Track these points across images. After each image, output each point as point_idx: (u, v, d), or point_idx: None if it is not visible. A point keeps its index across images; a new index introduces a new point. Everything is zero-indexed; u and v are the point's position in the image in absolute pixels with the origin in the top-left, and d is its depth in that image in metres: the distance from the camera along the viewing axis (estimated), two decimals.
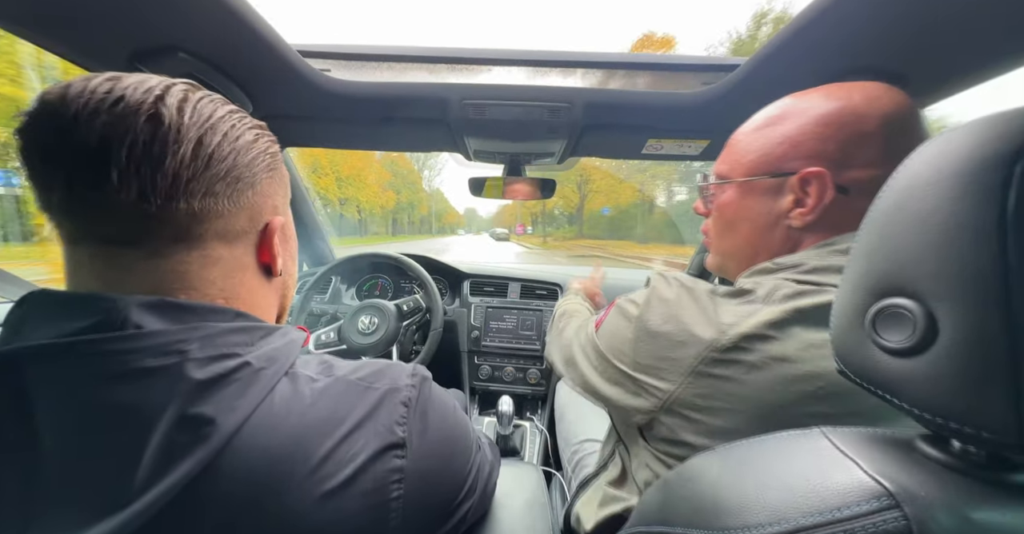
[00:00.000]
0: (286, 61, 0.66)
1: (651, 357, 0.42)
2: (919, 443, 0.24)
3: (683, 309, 0.42)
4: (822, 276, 0.38)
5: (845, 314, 0.26)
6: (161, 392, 0.26)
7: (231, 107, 0.34)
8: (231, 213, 0.33)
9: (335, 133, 0.93)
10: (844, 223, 0.41)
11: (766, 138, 0.45)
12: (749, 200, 0.47)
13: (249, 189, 0.34)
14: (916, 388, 0.22)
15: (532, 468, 0.80)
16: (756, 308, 0.39)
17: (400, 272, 1.52)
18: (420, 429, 0.35)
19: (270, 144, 0.37)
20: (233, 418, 0.27)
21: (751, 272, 0.45)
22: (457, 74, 0.77)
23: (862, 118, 0.40)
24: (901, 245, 0.23)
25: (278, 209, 0.39)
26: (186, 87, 0.32)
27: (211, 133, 0.31)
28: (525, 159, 1.05)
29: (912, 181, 0.24)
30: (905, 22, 0.52)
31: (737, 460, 0.28)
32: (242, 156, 0.33)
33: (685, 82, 0.77)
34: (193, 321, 0.30)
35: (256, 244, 0.36)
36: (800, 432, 0.27)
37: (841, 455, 0.24)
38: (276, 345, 0.33)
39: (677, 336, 0.41)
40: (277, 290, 0.41)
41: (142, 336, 0.27)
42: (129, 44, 0.57)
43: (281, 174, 0.39)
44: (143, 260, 0.30)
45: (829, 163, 0.41)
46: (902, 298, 0.22)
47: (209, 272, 0.33)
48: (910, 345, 0.22)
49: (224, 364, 0.29)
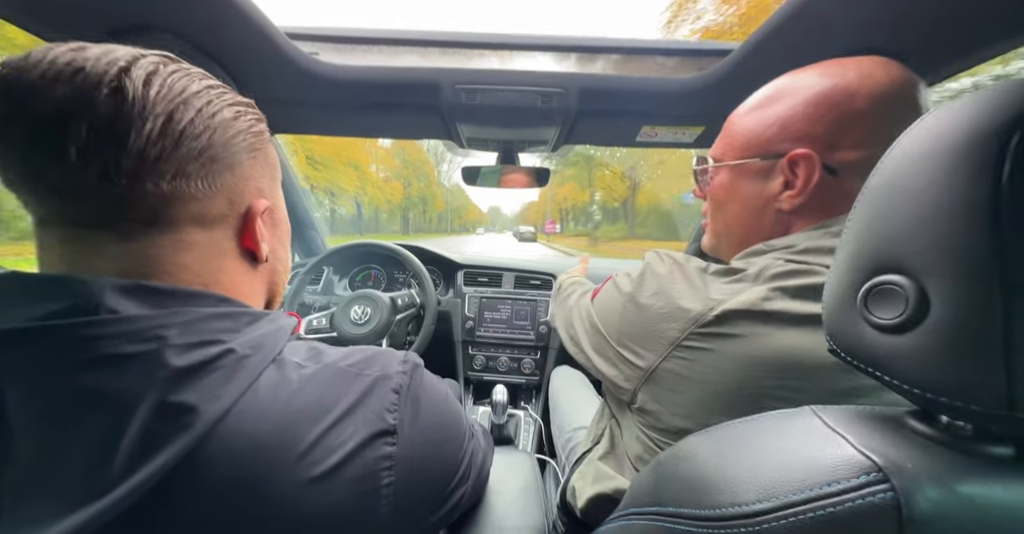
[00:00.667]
0: (273, 43, 0.65)
1: (636, 330, 0.44)
2: (908, 419, 0.24)
3: (673, 284, 0.43)
4: (813, 256, 0.38)
5: (837, 293, 0.26)
6: (138, 379, 0.25)
7: (210, 82, 0.32)
8: (207, 196, 0.32)
9: (324, 119, 0.92)
10: (834, 205, 0.41)
11: (758, 120, 0.45)
12: (740, 182, 0.47)
13: (227, 170, 0.32)
14: (906, 364, 0.22)
15: (526, 456, 0.80)
16: (745, 286, 0.39)
17: (393, 262, 1.51)
18: (411, 416, 0.34)
19: (254, 122, 0.35)
20: (216, 406, 0.27)
21: (744, 253, 0.45)
22: (449, 58, 0.76)
23: (852, 97, 0.39)
24: (894, 222, 0.23)
25: (263, 192, 0.37)
26: (159, 59, 0.30)
27: (183, 108, 0.29)
28: (519, 146, 1.04)
29: (906, 157, 0.23)
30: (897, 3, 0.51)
31: (728, 439, 0.28)
32: (219, 134, 0.31)
33: (681, 67, 0.76)
34: (173, 306, 0.28)
35: (237, 228, 0.35)
36: (791, 411, 0.27)
37: (831, 431, 0.24)
38: (263, 331, 0.32)
39: (663, 309, 0.42)
40: (263, 277, 0.40)
41: (118, 321, 0.26)
42: (106, 21, 0.55)
43: (267, 155, 0.37)
44: (113, 243, 0.29)
45: (818, 144, 0.41)
46: (894, 274, 0.22)
47: (183, 257, 0.31)
48: (901, 321, 0.22)
49: (206, 351, 0.28)
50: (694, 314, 0.39)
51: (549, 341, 1.40)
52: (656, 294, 0.43)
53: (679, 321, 0.40)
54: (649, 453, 0.44)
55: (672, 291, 0.42)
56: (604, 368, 0.48)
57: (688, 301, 0.40)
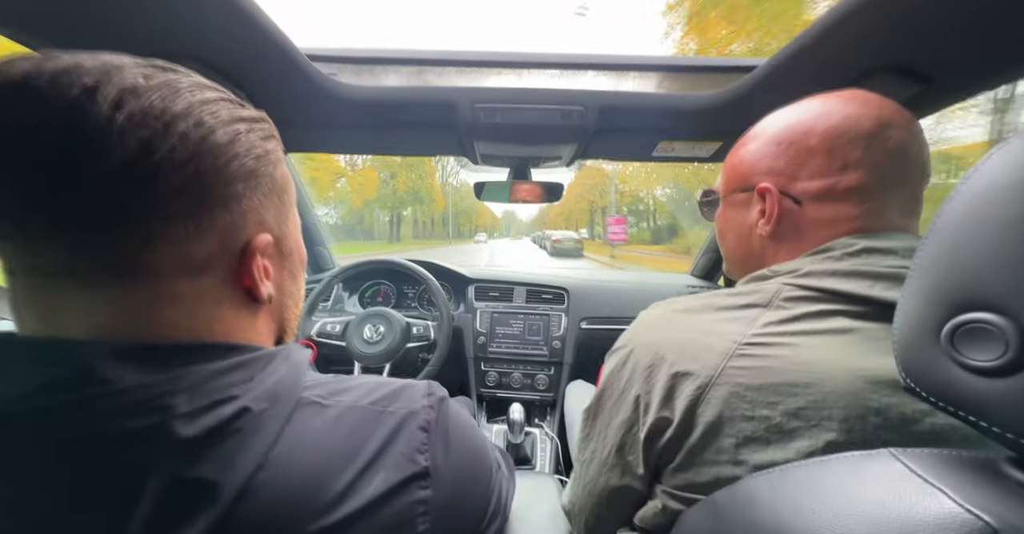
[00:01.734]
0: (295, 65, 0.65)
1: (664, 378, 0.40)
2: (1007, 468, 0.22)
3: (684, 324, 0.43)
4: (817, 280, 0.39)
5: (913, 328, 0.25)
6: (143, 456, 0.23)
7: (205, 95, 0.27)
8: (193, 239, 0.26)
9: (342, 137, 0.92)
10: (805, 230, 0.45)
11: (739, 157, 0.51)
12: (730, 212, 0.53)
13: (219, 207, 0.27)
14: (1009, 411, 0.20)
15: (548, 478, 0.78)
16: (759, 312, 0.40)
17: (404, 278, 1.49)
18: (443, 455, 0.33)
19: (256, 142, 0.29)
20: (236, 476, 0.24)
21: (748, 278, 0.47)
22: (467, 77, 0.76)
23: (807, 134, 0.44)
24: (981, 255, 0.22)
25: (266, 224, 0.31)
26: (142, 70, 0.25)
27: (162, 136, 0.24)
28: (533, 162, 1.03)
29: (986, 188, 0.22)
30: (926, 23, 0.51)
31: (796, 484, 0.27)
32: (208, 163, 0.26)
33: (699, 83, 0.76)
34: (177, 366, 0.25)
35: (234, 269, 0.30)
36: (866, 453, 0.26)
37: (921, 481, 0.22)
38: (279, 375, 0.29)
39: (686, 352, 0.40)
40: (270, 315, 0.35)
41: (114, 394, 0.23)
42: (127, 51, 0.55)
43: (274, 180, 0.32)
44: (80, 295, 0.25)
45: (780, 178, 0.45)
46: (987, 313, 0.21)
47: (166, 311, 0.27)
48: (1001, 364, 0.20)
49: (217, 413, 0.25)
50: (719, 352, 0.38)
51: (563, 356, 1.38)
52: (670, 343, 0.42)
53: (706, 364, 0.38)
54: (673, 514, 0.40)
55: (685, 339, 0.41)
56: (629, 440, 0.44)
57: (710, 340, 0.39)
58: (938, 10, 0.49)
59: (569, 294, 1.43)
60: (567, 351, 1.37)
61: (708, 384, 0.37)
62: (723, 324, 0.40)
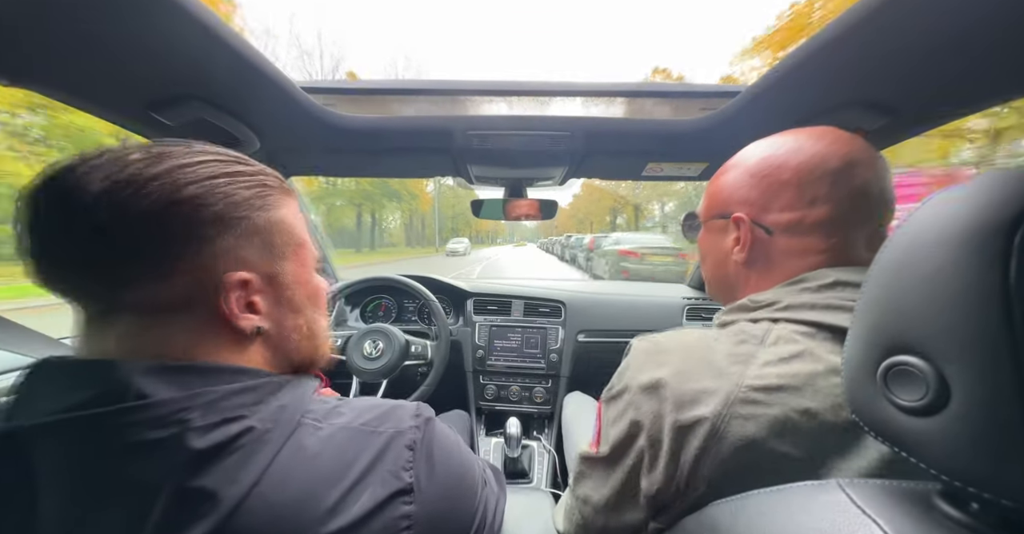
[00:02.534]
0: (292, 99, 0.68)
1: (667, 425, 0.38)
2: (937, 500, 0.24)
3: (682, 360, 0.41)
4: (797, 312, 0.40)
5: (856, 367, 0.27)
6: (160, 465, 0.26)
7: (191, 159, 0.31)
8: (165, 278, 0.31)
9: (340, 163, 0.95)
10: (777, 258, 0.46)
11: (717, 186, 0.53)
12: (709, 237, 0.55)
13: (186, 250, 0.31)
14: (933, 449, 0.22)
15: (542, 494, 0.79)
16: (755, 348, 0.39)
17: (404, 293, 1.52)
18: (427, 472, 0.35)
19: (233, 192, 0.33)
20: (235, 489, 0.27)
21: (730, 308, 0.48)
22: (460, 105, 0.79)
23: (780, 169, 0.46)
24: (908, 303, 0.24)
25: (247, 262, 0.34)
26: (139, 151, 0.31)
27: (133, 197, 0.29)
28: (527, 182, 1.06)
29: (915, 240, 0.24)
30: (898, 59, 0.54)
31: (754, 512, 0.29)
32: (169, 213, 0.30)
33: (684, 108, 0.79)
34: (196, 384, 0.29)
35: (216, 306, 0.33)
36: (816, 484, 0.27)
37: (859, 512, 0.24)
38: (284, 401, 0.32)
39: (684, 394, 0.38)
40: (269, 348, 0.37)
41: (142, 408, 0.27)
42: (146, 96, 0.58)
43: (253, 222, 0.34)
44: (101, 331, 0.31)
45: (754, 208, 0.47)
46: (912, 356, 0.23)
47: (178, 340, 0.32)
48: (923, 405, 0.22)
49: (226, 430, 0.28)
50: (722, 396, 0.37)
51: (560, 369, 1.40)
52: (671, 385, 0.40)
53: (708, 405, 0.37)
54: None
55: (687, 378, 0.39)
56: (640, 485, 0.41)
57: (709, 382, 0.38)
58: (900, 51, 0.52)
59: (566, 307, 1.45)
60: (564, 364, 1.39)
61: (713, 435, 0.36)
62: (721, 359, 0.39)
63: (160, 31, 0.48)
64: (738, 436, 0.35)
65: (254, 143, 0.76)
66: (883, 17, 0.47)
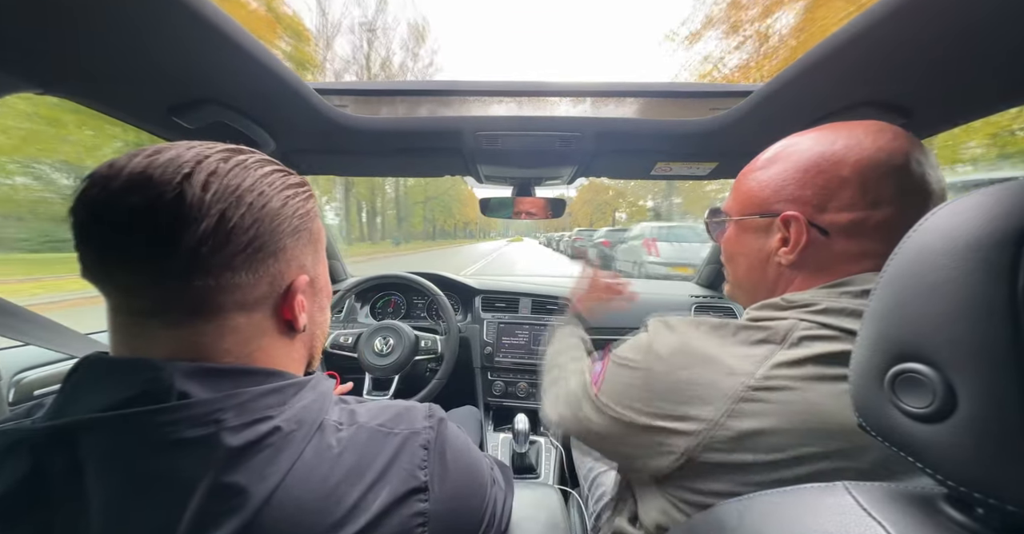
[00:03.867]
0: (306, 102, 0.69)
1: (669, 405, 0.42)
2: (942, 504, 0.24)
3: (693, 358, 0.42)
4: (835, 318, 0.39)
5: (864, 373, 0.27)
6: (197, 462, 0.28)
7: (265, 170, 0.34)
8: (250, 284, 0.33)
9: (353, 163, 0.96)
10: (829, 262, 0.43)
11: (757, 181, 0.48)
12: (745, 237, 0.50)
13: (271, 258, 0.34)
14: (939, 454, 0.23)
15: (549, 489, 0.80)
16: (772, 349, 0.40)
17: (412, 290, 1.54)
18: (440, 472, 0.36)
19: (301, 204, 0.36)
20: (264, 486, 0.29)
21: (760, 305, 0.46)
22: (470, 106, 0.79)
23: (838, 164, 0.42)
24: (916, 311, 0.24)
25: (305, 267, 0.38)
26: (222, 155, 0.32)
27: (235, 206, 0.31)
28: (535, 181, 1.07)
29: (923, 249, 0.25)
30: (915, 59, 0.53)
31: (760, 512, 0.29)
32: (266, 225, 0.32)
33: (694, 108, 0.79)
34: (228, 386, 0.31)
35: (277, 305, 0.36)
36: (823, 486, 0.28)
37: (865, 515, 0.24)
38: (306, 403, 0.34)
39: (692, 391, 0.40)
40: (304, 343, 0.41)
41: (183, 407, 0.28)
42: (166, 100, 0.60)
43: (311, 233, 0.39)
44: (162, 330, 0.32)
45: (807, 207, 0.43)
46: (919, 364, 0.23)
47: (225, 341, 0.33)
48: (930, 412, 0.23)
49: (256, 429, 0.30)
50: (726, 389, 0.39)
51: None
52: (677, 369, 0.43)
53: (714, 396, 0.39)
54: (673, 524, 0.43)
55: (694, 366, 0.42)
56: (636, 452, 0.46)
57: (716, 375, 0.40)
58: (919, 50, 0.51)
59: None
60: None
61: (712, 428, 0.38)
62: (735, 360, 0.40)
63: (181, 39, 0.49)
64: (735, 430, 0.37)
65: (269, 144, 0.77)
66: (901, 16, 0.46)
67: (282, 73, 0.60)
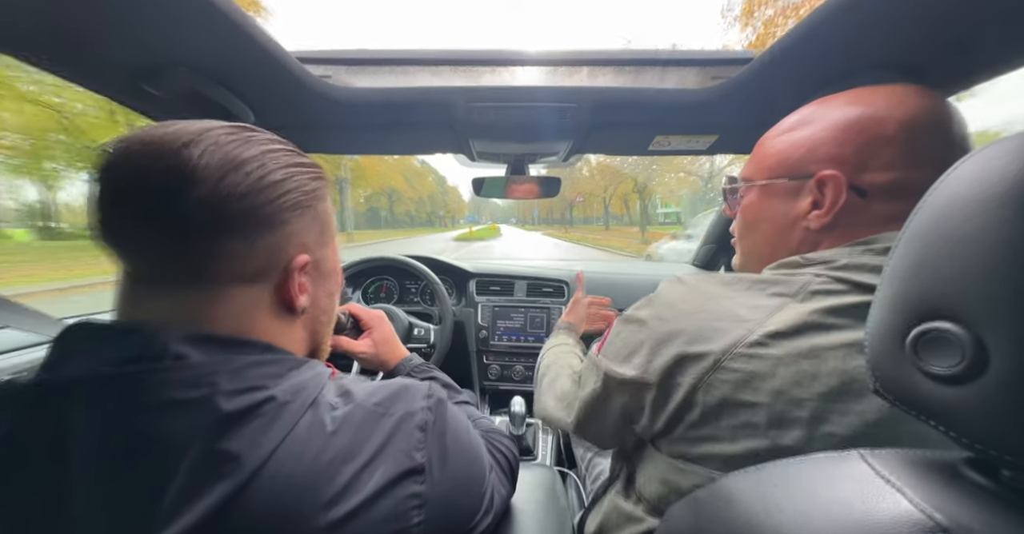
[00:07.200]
0: (286, 70, 0.65)
1: (669, 356, 0.41)
2: (965, 469, 0.23)
3: (702, 305, 0.42)
4: (854, 274, 0.38)
5: (882, 335, 0.25)
6: (190, 424, 0.27)
7: (272, 146, 0.34)
8: (246, 254, 0.33)
9: (338, 139, 0.92)
10: (861, 225, 0.41)
11: (787, 142, 0.46)
12: (770, 201, 0.48)
13: (267, 230, 0.33)
14: (966, 417, 0.21)
15: (546, 470, 0.80)
16: (784, 302, 0.39)
17: (406, 274, 1.51)
18: (439, 455, 0.35)
19: (305, 182, 0.36)
20: (258, 454, 0.28)
21: (778, 265, 0.45)
22: (462, 76, 0.75)
23: (881, 122, 0.40)
24: (943, 266, 0.22)
25: (307, 247, 0.38)
26: (229, 130, 0.33)
27: (233, 173, 0.31)
28: (530, 159, 1.04)
29: (952, 199, 0.23)
30: (920, 17, 0.50)
31: (772, 483, 0.28)
32: (264, 195, 0.33)
33: (694, 77, 0.76)
34: (223, 353, 0.31)
35: (277, 282, 0.36)
36: (837, 454, 0.27)
37: (884, 482, 0.23)
38: (303, 378, 0.33)
39: (699, 333, 0.40)
40: (303, 326, 0.40)
41: (177, 367, 0.28)
42: (129, 63, 0.56)
43: (317, 211, 0.38)
44: (161, 295, 0.32)
45: (846, 166, 0.41)
46: (946, 322, 0.22)
47: (219, 310, 0.33)
48: (957, 372, 0.21)
49: (251, 396, 0.29)
50: (733, 337, 0.38)
51: None
52: (685, 317, 0.42)
53: (717, 343, 0.39)
54: (674, 493, 0.42)
55: (703, 314, 0.41)
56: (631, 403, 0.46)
57: (723, 322, 0.39)
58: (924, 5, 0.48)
59: (569, 287, 1.44)
60: None
61: (711, 369, 0.38)
62: (745, 310, 0.39)
63: None
64: (736, 371, 0.37)
65: (248, 117, 0.73)
66: None
67: (256, 35, 0.56)
